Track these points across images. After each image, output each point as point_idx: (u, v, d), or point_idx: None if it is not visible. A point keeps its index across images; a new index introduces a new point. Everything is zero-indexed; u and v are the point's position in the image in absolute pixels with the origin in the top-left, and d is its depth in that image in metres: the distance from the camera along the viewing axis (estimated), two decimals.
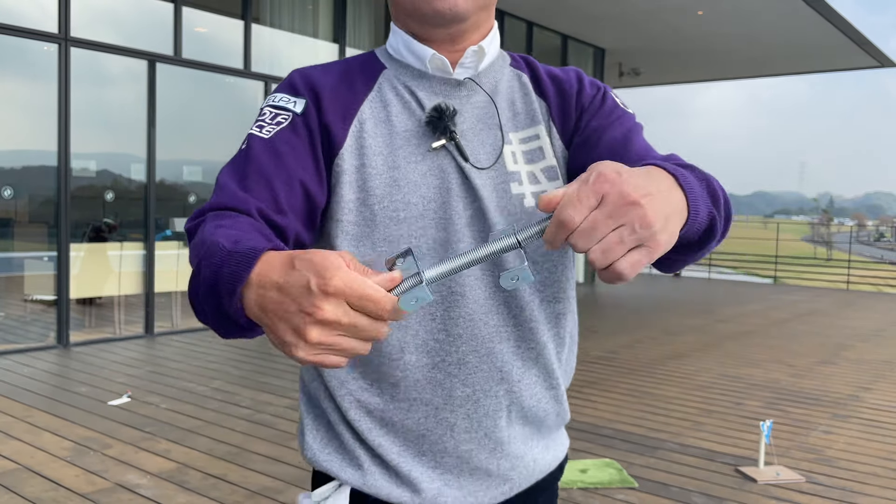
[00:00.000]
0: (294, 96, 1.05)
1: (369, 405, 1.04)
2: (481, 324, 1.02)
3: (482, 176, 1.03)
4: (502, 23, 11.05)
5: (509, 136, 1.07)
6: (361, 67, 1.10)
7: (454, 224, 1.02)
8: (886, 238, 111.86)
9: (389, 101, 1.06)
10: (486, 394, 1.03)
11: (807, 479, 3.72)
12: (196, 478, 3.53)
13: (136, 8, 7.17)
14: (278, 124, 1.02)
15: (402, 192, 1.01)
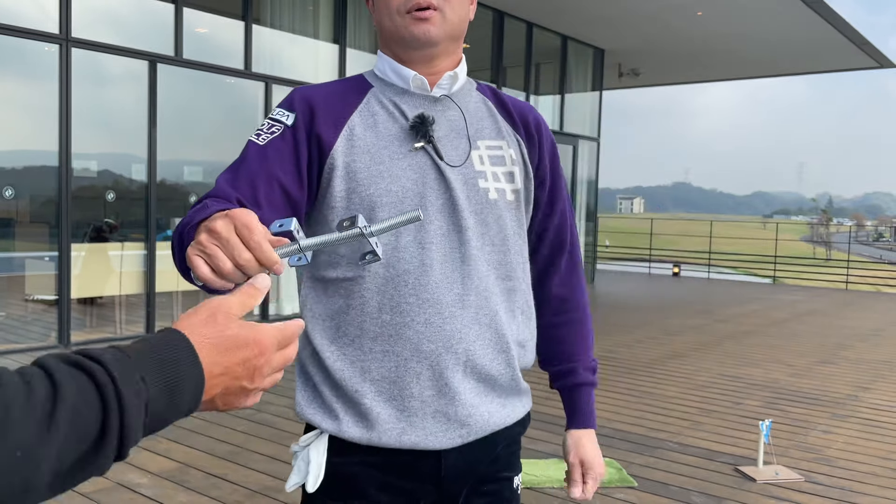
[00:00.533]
0: (288, 111, 1.28)
1: (352, 357, 1.24)
2: (446, 291, 1.22)
3: (454, 172, 1.26)
4: (502, 23, 11.06)
5: (478, 143, 1.30)
6: (353, 86, 1.33)
7: (427, 210, 1.23)
8: (885, 238, 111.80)
9: (376, 112, 1.28)
10: (448, 350, 1.22)
11: (806, 479, 3.73)
12: (197, 477, 3.54)
13: (136, 9, 7.18)
14: (272, 134, 1.25)
15: (385, 181, 1.23)
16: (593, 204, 13.84)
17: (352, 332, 1.24)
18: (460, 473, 1.28)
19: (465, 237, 1.24)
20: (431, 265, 1.22)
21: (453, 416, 1.25)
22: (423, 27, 1.24)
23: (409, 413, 1.23)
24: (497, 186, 1.29)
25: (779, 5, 10.12)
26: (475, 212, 1.26)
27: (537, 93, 12.28)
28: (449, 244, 1.24)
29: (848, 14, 53.19)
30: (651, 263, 17.46)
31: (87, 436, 0.55)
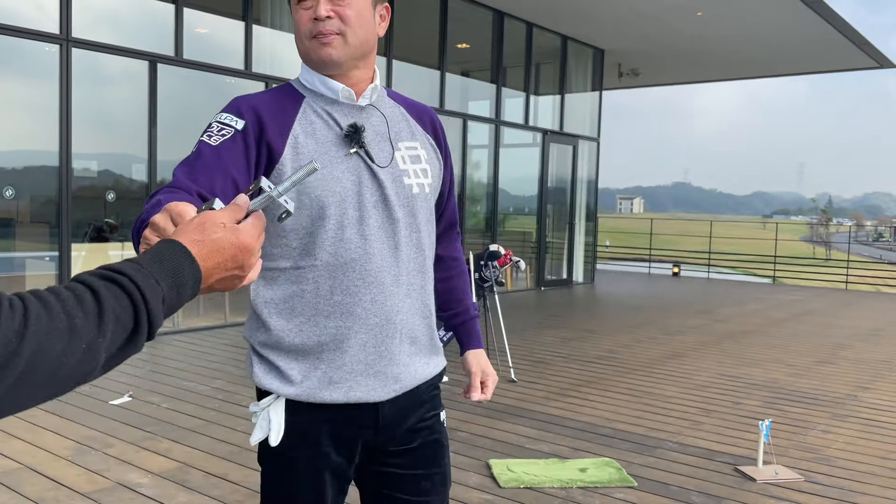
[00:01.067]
0: (238, 117, 1.43)
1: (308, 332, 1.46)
2: (385, 274, 1.47)
3: (384, 172, 1.48)
4: (502, 23, 11.07)
5: (399, 145, 1.53)
6: (287, 96, 1.50)
7: (365, 206, 1.45)
8: (885, 238, 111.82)
9: (314, 121, 1.47)
10: (388, 322, 1.48)
11: (805, 479, 3.73)
12: (197, 477, 3.54)
13: (136, 9, 7.18)
14: (223, 136, 1.40)
15: (329, 183, 1.43)
16: (593, 204, 13.85)
17: (307, 311, 1.46)
18: (395, 419, 1.54)
19: (396, 227, 1.49)
20: (373, 253, 1.46)
21: (390, 375, 1.50)
22: (326, 51, 1.44)
23: (355, 374, 1.47)
24: (417, 182, 1.54)
25: (779, 6, 10.13)
26: (403, 205, 1.50)
27: (537, 93, 12.28)
28: (385, 234, 1.48)
29: (848, 14, 53.18)
30: (651, 263, 17.47)
31: (125, 328, 0.75)
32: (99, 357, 0.73)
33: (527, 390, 5.40)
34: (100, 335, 0.73)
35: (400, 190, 1.50)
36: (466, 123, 10.71)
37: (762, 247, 29.79)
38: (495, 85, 11.21)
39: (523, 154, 12.16)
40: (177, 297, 0.81)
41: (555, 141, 12.45)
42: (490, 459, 3.87)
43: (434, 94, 10.20)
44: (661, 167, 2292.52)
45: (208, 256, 0.85)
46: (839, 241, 69.16)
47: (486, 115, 11.19)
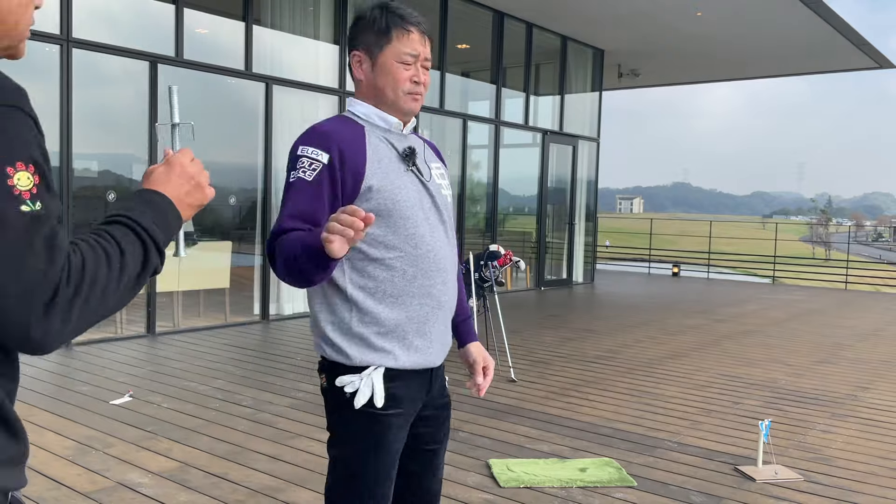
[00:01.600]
0: (323, 150, 1.73)
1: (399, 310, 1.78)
2: (446, 262, 1.85)
3: (430, 184, 1.86)
4: (502, 23, 11.08)
5: (430, 165, 1.91)
6: (350, 126, 1.82)
7: (425, 210, 1.82)
8: (885, 238, 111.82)
9: (378, 145, 1.80)
10: (450, 301, 1.89)
11: (805, 478, 3.74)
12: (197, 477, 3.55)
13: (137, 9, 7.19)
14: (314, 170, 1.71)
15: (399, 192, 1.78)
16: (593, 204, 13.86)
17: (397, 293, 1.78)
18: (437, 380, 1.98)
19: (445, 227, 1.88)
20: (438, 246, 1.83)
21: (446, 343, 1.93)
22: (416, 105, 1.85)
23: (433, 343, 1.86)
24: (447, 193, 1.93)
25: (778, 6, 10.14)
26: (445, 210, 1.89)
27: (537, 93, 12.29)
28: (440, 232, 1.85)
29: (850, 13, 52.97)
30: (650, 263, 17.47)
31: (139, 262, 1.05)
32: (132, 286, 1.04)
33: (527, 390, 5.41)
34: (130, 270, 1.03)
35: (441, 199, 1.89)
36: (466, 123, 10.71)
37: (762, 247, 29.79)
38: (495, 85, 11.22)
39: (523, 154, 12.17)
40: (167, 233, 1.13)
41: (555, 141, 12.46)
42: (490, 459, 3.87)
43: (434, 95, 10.21)
44: (661, 167, 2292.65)
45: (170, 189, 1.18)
46: (839, 241, 69.12)
47: (486, 115, 11.20)
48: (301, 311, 8.63)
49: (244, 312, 8.15)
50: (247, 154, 8.08)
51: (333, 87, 8.78)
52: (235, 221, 8.21)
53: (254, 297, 8.23)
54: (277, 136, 8.19)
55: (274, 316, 8.33)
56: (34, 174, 0.97)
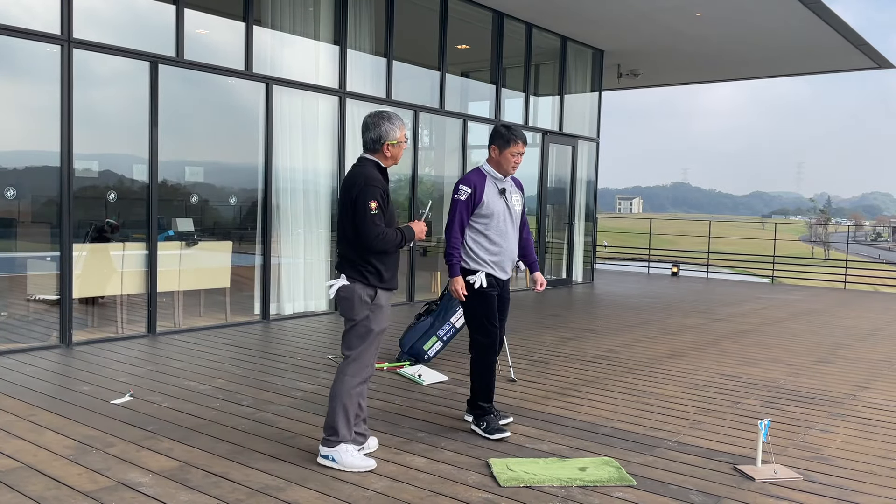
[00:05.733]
0: (468, 187, 4.33)
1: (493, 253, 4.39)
2: (512, 237, 4.47)
3: (510, 204, 4.45)
4: (502, 24, 11.08)
5: (512, 196, 4.48)
6: (481, 175, 4.40)
7: (505, 214, 4.40)
8: (884, 238, 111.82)
9: (490, 186, 4.38)
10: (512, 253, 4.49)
11: (804, 478, 3.75)
12: (198, 476, 3.56)
13: (137, 9, 7.19)
14: (465, 195, 4.32)
15: (496, 206, 4.37)
16: (592, 204, 13.87)
17: (491, 246, 4.36)
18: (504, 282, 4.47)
19: (514, 223, 4.46)
20: (509, 230, 4.42)
21: (508, 272, 4.46)
22: (513, 171, 4.44)
23: (505, 268, 4.42)
24: (519, 206, 4.50)
25: (778, 6, 10.15)
26: (514, 214, 4.46)
27: (536, 93, 12.30)
28: (510, 225, 4.43)
29: (854, 11, 52.75)
30: (650, 263, 17.48)
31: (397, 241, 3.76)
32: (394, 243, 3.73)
33: (527, 390, 5.42)
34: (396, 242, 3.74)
35: (513, 210, 4.44)
36: (466, 124, 10.72)
37: (761, 247, 29.79)
38: (495, 85, 11.23)
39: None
40: (404, 241, 3.76)
41: (554, 141, 12.47)
42: (490, 458, 3.88)
43: (434, 95, 10.22)
44: (660, 167, 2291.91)
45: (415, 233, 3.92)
46: (838, 240, 69.12)
47: (486, 115, 11.20)
48: (301, 311, 8.64)
49: (244, 312, 8.16)
50: (247, 154, 8.08)
51: (333, 87, 8.79)
52: (236, 221, 8.22)
53: (254, 297, 8.24)
54: (277, 136, 8.20)
55: (274, 316, 8.34)
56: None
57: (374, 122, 3.76)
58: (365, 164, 3.78)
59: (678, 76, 16.04)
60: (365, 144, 3.82)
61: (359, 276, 3.71)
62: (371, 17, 9.24)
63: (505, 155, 4.31)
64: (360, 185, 3.65)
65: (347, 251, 3.75)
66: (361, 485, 3.50)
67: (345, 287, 3.73)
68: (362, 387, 3.79)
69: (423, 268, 10.66)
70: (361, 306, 3.72)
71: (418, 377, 5.63)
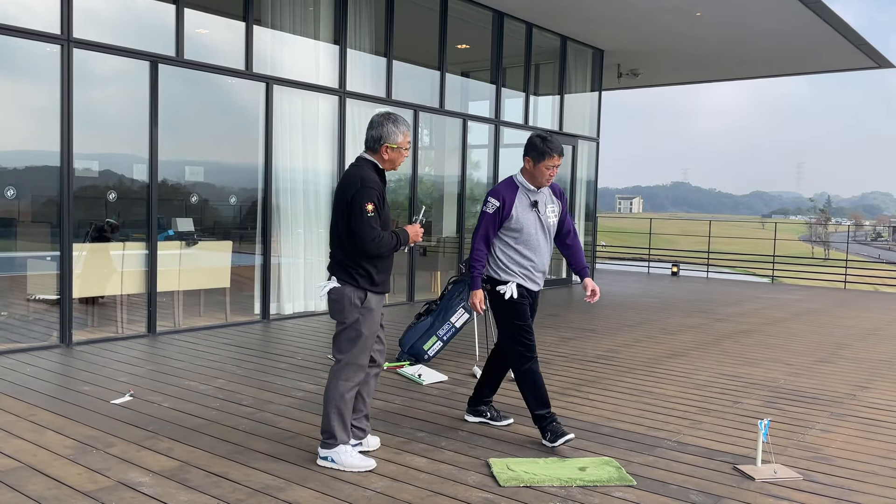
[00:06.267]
0: (497, 201, 4.19)
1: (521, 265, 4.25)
2: (544, 249, 4.30)
3: (543, 216, 4.28)
4: (502, 23, 11.08)
5: (548, 206, 4.30)
6: (513, 186, 4.24)
7: (537, 227, 4.24)
8: (884, 238, 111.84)
9: (522, 198, 4.22)
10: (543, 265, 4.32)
11: (804, 478, 3.75)
12: (198, 476, 3.56)
13: (137, 9, 7.19)
14: (493, 208, 4.18)
15: (527, 220, 4.22)
16: (592, 204, 13.87)
17: (520, 258, 4.22)
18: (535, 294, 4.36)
19: (547, 235, 4.30)
20: (541, 243, 4.26)
21: (540, 283, 4.32)
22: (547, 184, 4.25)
23: (532, 281, 4.28)
24: (552, 220, 4.32)
25: (777, 6, 10.14)
26: (547, 226, 4.29)
27: (536, 93, 12.29)
28: (542, 237, 4.27)
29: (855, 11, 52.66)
30: (650, 263, 17.48)
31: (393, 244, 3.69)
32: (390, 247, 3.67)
33: None
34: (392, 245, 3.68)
35: (546, 222, 4.27)
36: (466, 123, 10.72)
37: (761, 246, 29.80)
38: (495, 85, 11.23)
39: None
40: (400, 243, 3.71)
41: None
42: (490, 458, 3.88)
43: (434, 94, 10.22)
44: (661, 167, 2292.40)
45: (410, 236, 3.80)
46: (838, 240, 69.09)
47: (486, 115, 11.20)
48: (301, 311, 8.64)
49: (244, 312, 8.16)
50: (247, 154, 8.08)
51: (333, 87, 8.79)
52: (236, 221, 8.22)
53: (254, 297, 8.24)
54: (277, 135, 8.20)
55: (274, 315, 8.34)
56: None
57: (378, 120, 3.72)
58: (362, 164, 3.71)
59: (678, 76, 16.04)
60: (366, 142, 3.77)
61: (349, 279, 3.64)
62: (371, 17, 9.24)
63: (539, 168, 4.11)
64: (357, 186, 3.57)
65: (338, 253, 3.68)
66: (361, 485, 3.50)
67: (335, 290, 3.67)
68: (356, 389, 3.76)
69: (423, 268, 10.66)
70: (351, 309, 3.65)
71: (418, 377, 5.63)
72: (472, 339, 6.95)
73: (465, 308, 6.32)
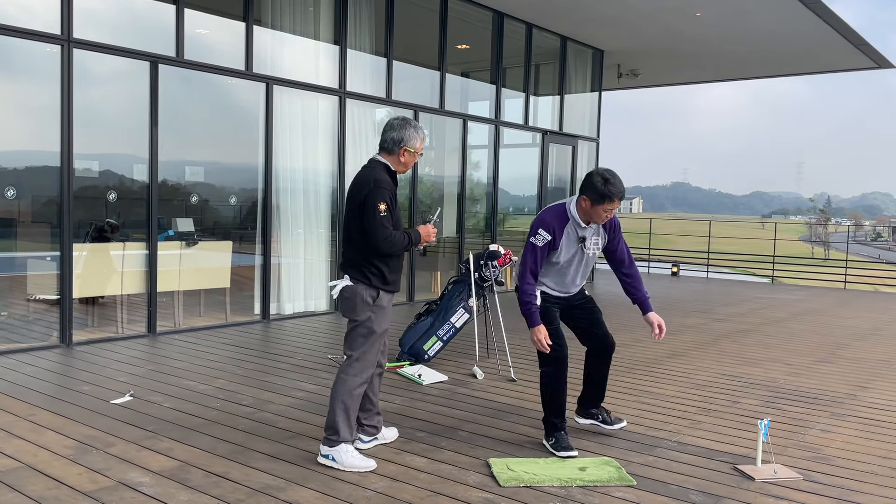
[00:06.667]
0: (548, 234, 3.95)
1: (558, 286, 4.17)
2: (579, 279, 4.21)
3: (585, 250, 4.08)
4: (502, 24, 11.08)
5: (590, 240, 4.06)
6: (563, 216, 4.00)
7: (577, 259, 4.09)
8: (883, 238, 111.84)
9: (569, 232, 4.00)
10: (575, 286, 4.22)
11: (804, 478, 3.75)
12: (198, 476, 3.56)
13: (137, 9, 7.19)
14: (542, 241, 3.95)
15: (569, 253, 4.05)
16: None
17: (546, 280, 4.12)
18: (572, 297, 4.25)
19: (582, 265, 4.14)
20: (573, 272, 4.15)
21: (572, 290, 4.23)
22: (601, 223, 3.99)
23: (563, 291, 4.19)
24: (596, 251, 4.12)
25: (777, 6, 10.15)
26: (586, 259, 4.12)
27: (536, 93, 12.30)
28: (576, 267, 4.14)
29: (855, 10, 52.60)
30: (650, 263, 17.48)
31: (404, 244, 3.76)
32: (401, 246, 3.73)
33: (527, 390, 5.42)
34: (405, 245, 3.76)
35: (587, 257, 4.10)
36: (466, 124, 10.72)
37: (761, 246, 29.81)
38: (495, 85, 11.23)
39: (523, 154, 12.18)
40: (411, 243, 3.79)
41: (554, 141, 12.47)
42: (490, 458, 3.88)
43: (434, 95, 10.22)
44: (660, 167, 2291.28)
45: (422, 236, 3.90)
46: (838, 240, 69.05)
47: (486, 115, 11.20)
48: (301, 311, 8.64)
49: (245, 312, 8.16)
50: (247, 154, 8.08)
51: (333, 87, 8.79)
52: (236, 221, 8.22)
53: (254, 297, 8.24)
54: (277, 136, 8.20)
55: (274, 315, 8.34)
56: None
57: (399, 124, 3.80)
58: (375, 166, 3.79)
59: (678, 76, 16.04)
60: (384, 143, 3.82)
61: (361, 278, 3.73)
62: (371, 17, 9.24)
63: (597, 210, 3.86)
64: (370, 186, 3.66)
65: (351, 252, 3.76)
66: (361, 485, 3.50)
67: (348, 288, 3.75)
68: (363, 386, 3.82)
69: (423, 268, 10.66)
70: (364, 307, 3.73)
71: (418, 377, 5.63)
72: (472, 339, 6.95)
73: (465, 308, 6.32)
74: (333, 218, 8.94)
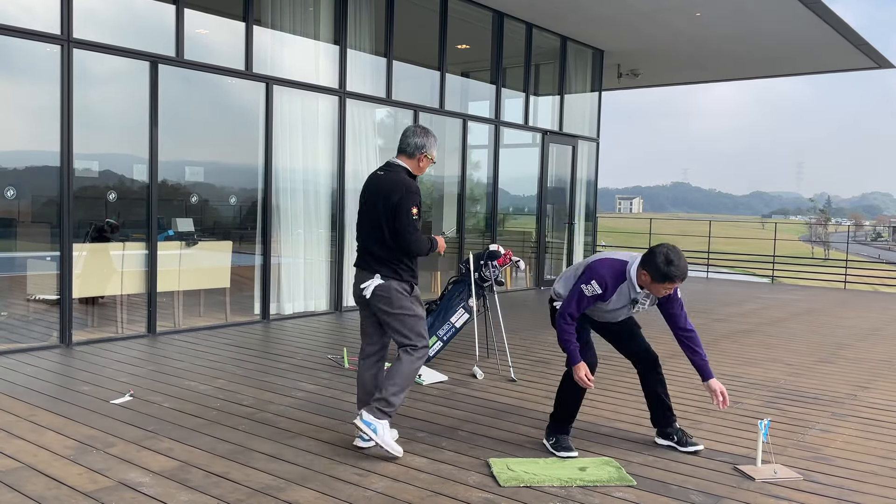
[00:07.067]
0: (600, 288, 3.84)
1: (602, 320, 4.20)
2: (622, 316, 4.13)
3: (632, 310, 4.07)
4: (502, 24, 11.08)
5: (640, 303, 4.01)
6: (620, 277, 3.88)
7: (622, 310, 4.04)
8: (883, 238, 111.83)
9: (623, 290, 3.90)
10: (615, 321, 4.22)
11: (805, 478, 3.75)
12: (198, 476, 3.56)
13: (137, 9, 7.19)
14: (591, 292, 3.85)
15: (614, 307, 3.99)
16: (592, 204, 13.87)
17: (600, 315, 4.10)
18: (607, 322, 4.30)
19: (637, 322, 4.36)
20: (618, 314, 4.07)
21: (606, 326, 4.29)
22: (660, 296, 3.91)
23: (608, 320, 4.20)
24: (646, 309, 4.04)
25: (777, 6, 10.15)
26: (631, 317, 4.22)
27: (536, 93, 12.30)
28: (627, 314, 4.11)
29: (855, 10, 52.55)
30: None
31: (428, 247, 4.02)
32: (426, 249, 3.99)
33: (527, 390, 5.42)
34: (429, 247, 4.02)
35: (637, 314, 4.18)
36: (466, 123, 10.72)
37: (761, 246, 29.83)
38: (495, 85, 11.23)
39: (523, 154, 12.18)
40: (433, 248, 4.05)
41: (554, 141, 12.47)
42: (490, 458, 3.88)
43: (434, 95, 10.22)
44: (661, 167, 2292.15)
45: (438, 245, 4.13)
46: (838, 240, 69.08)
47: (486, 115, 11.20)
48: (301, 311, 8.64)
49: (244, 312, 8.16)
50: (247, 154, 8.08)
51: (333, 87, 8.79)
52: (236, 221, 8.22)
53: (254, 297, 8.24)
54: (277, 136, 8.20)
55: (274, 315, 8.34)
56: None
57: (421, 131, 4.08)
58: (400, 171, 4.03)
59: (678, 76, 16.04)
60: (406, 147, 4.06)
61: (393, 274, 3.97)
62: (371, 17, 9.24)
63: (656, 286, 3.79)
64: (403, 191, 3.90)
65: (383, 252, 3.98)
66: (361, 485, 3.50)
67: (381, 286, 3.96)
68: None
69: (423, 268, 10.66)
70: (402, 297, 3.97)
71: (418, 377, 5.63)
72: (472, 339, 6.95)
73: (465, 308, 6.32)
74: (333, 218, 8.94)
